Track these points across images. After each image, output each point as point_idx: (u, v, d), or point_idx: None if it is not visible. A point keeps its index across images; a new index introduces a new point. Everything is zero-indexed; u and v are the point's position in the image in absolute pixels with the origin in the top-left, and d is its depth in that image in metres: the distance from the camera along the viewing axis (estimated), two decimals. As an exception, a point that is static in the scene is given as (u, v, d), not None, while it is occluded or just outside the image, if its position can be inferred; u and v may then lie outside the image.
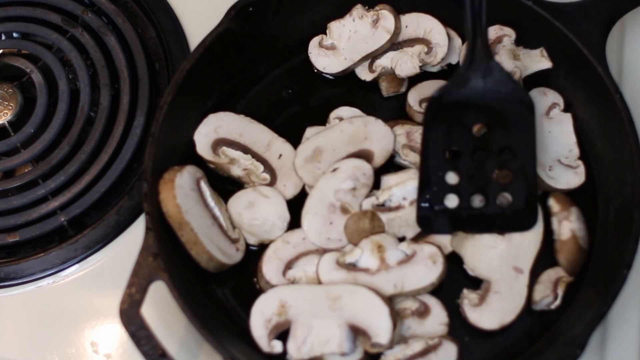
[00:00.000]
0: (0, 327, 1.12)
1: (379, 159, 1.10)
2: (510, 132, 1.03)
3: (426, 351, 1.00)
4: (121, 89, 1.21)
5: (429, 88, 1.15)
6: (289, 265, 1.06)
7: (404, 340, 1.01)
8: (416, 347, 1.01)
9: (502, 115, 1.02)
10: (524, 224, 1.05)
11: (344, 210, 1.06)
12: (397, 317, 0.99)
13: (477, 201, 1.05)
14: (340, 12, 1.20)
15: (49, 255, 1.14)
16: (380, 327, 0.98)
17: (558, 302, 1.04)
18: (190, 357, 1.07)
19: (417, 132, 1.11)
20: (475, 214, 1.05)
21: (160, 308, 1.03)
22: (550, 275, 1.05)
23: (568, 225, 1.05)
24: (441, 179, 1.05)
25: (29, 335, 1.11)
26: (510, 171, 1.04)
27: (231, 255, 1.06)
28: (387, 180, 1.10)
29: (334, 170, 1.07)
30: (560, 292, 1.04)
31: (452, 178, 1.05)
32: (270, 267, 1.06)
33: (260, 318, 1.01)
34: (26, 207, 1.16)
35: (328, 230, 1.06)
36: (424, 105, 1.14)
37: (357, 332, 0.99)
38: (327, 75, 1.20)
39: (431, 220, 1.05)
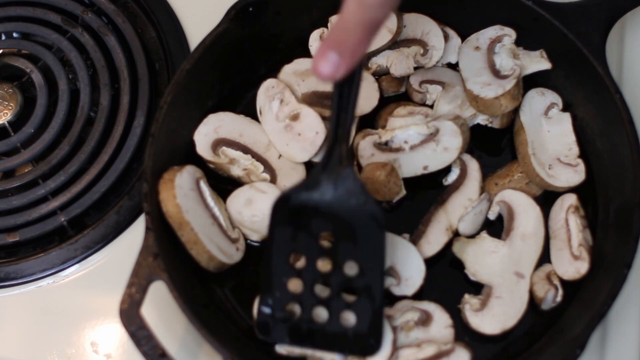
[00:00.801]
0: (0, 327, 1.12)
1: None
2: (357, 246, 0.97)
3: (438, 356, 1.00)
4: (121, 89, 1.21)
5: (433, 73, 1.16)
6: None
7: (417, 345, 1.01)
8: (429, 351, 1.00)
9: (350, 227, 0.96)
10: (366, 349, 0.97)
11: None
12: None
13: (320, 315, 0.98)
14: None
15: (49, 255, 1.14)
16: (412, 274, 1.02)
17: (561, 292, 1.04)
18: (190, 357, 1.07)
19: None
20: (315, 328, 0.98)
21: (160, 308, 1.03)
22: (539, 274, 1.05)
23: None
24: (284, 285, 0.98)
25: (29, 335, 1.11)
26: (356, 290, 0.97)
27: (231, 255, 1.06)
28: (393, 122, 1.11)
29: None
30: (558, 283, 1.04)
31: (295, 286, 0.99)
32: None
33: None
34: (26, 207, 1.16)
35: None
36: (424, 86, 1.15)
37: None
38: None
39: (270, 327, 0.99)
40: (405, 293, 1.04)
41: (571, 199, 1.08)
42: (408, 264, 1.04)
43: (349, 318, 0.98)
